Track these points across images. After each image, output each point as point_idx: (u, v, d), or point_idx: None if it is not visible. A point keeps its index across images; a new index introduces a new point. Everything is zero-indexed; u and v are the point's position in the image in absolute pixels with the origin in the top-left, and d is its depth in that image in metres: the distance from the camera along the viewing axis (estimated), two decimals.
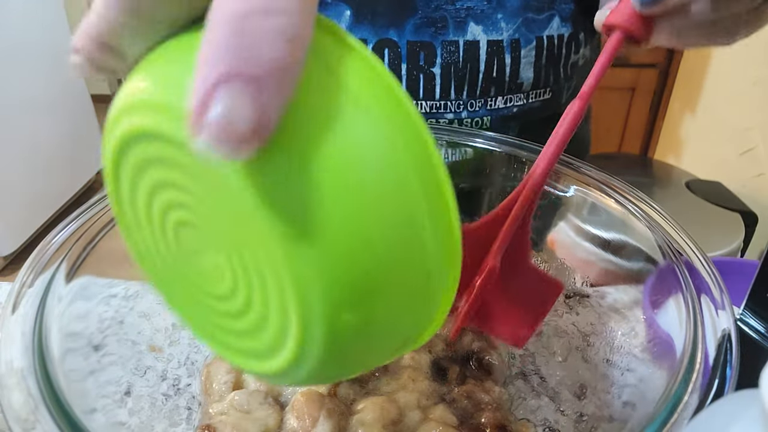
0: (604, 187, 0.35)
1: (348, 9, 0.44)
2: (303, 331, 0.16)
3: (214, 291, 0.19)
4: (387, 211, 0.16)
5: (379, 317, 0.17)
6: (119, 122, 0.17)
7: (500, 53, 0.46)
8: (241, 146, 0.13)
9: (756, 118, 1.21)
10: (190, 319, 0.22)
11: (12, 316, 0.25)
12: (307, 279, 0.15)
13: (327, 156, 0.15)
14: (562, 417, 0.32)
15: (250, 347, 0.19)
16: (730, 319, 0.25)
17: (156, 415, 0.30)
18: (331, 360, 0.17)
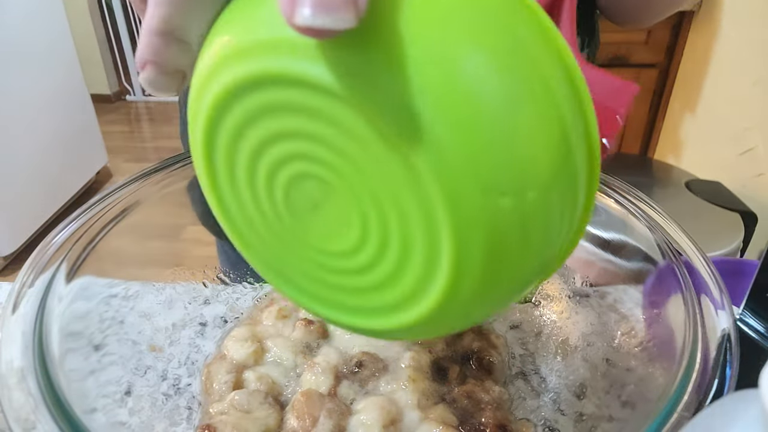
0: (604, 187, 0.35)
1: None
2: (459, 236, 0.15)
3: (336, 248, 0.18)
4: (531, 98, 0.15)
5: (533, 202, 0.15)
6: (213, 81, 0.16)
7: None
8: (342, 11, 0.13)
9: (756, 118, 1.21)
10: (297, 290, 0.21)
11: (12, 316, 0.25)
12: (455, 172, 0.14)
13: (456, 46, 0.14)
14: (561, 417, 0.32)
15: (378, 302, 0.18)
16: (729, 319, 0.25)
17: (156, 414, 0.31)
18: (492, 269, 0.16)
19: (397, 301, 0.18)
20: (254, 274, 0.43)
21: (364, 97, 0.14)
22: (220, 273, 0.41)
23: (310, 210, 0.18)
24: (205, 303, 0.39)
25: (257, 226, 0.20)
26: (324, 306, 0.21)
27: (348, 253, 0.18)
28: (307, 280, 0.20)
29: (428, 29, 0.14)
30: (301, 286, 0.21)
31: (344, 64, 0.14)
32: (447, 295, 0.16)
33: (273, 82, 0.15)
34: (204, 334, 0.38)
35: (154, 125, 3.01)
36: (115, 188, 0.34)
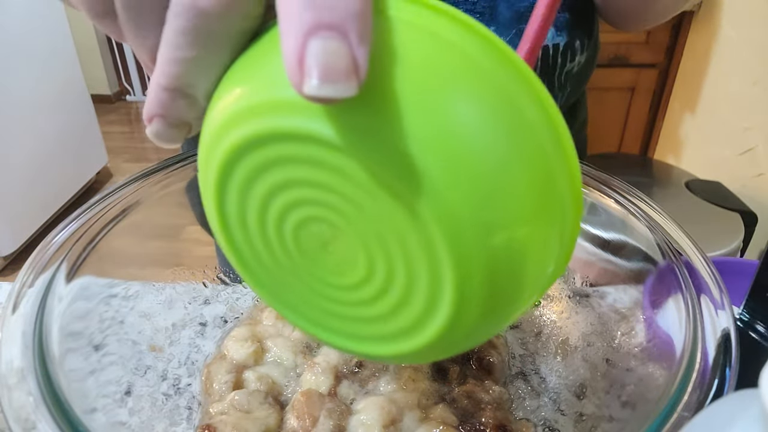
0: (604, 187, 0.35)
1: None
2: (460, 271, 0.16)
3: (344, 282, 0.19)
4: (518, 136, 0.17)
5: (524, 235, 0.17)
6: (224, 136, 0.18)
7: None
8: (345, 82, 0.14)
9: (756, 118, 1.21)
10: (305, 320, 0.22)
11: (12, 316, 0.25)
12: (453, 213, 0.16)
13: (437, 93, 0.16)
14: (561, 417, 0.32)
15: (383, 331, 0.19)
16: (729, 319, 0.25)
17: (156, 414, 0.31)
18: (491, 298, 0.17)
19: (401, 329, 0.19)
20: None
21: (366, 149, 0.15)
22: (220, 273, 0.41)
23: (318, 249, 0.19)
24: (205, 303, 0.39)
25: (266, 263, 0.21)
26: (329, 333, 0.22)
27: (355, 286, 0.19)
28: (314, 310, 0.21)
29: (422, 86, 0.16)
30: (307, 315, 0.22)
31: (346, 121, 0.15)
32: (449, 324, 0.18)
33: (281, 139, 0.16)
34: (204, 334, 0.38)
35: None
36: (115, 188, 0.34)
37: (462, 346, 0.21)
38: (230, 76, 0.18)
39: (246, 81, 0.17)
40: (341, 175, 0.16)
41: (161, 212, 0.36)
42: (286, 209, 0.18)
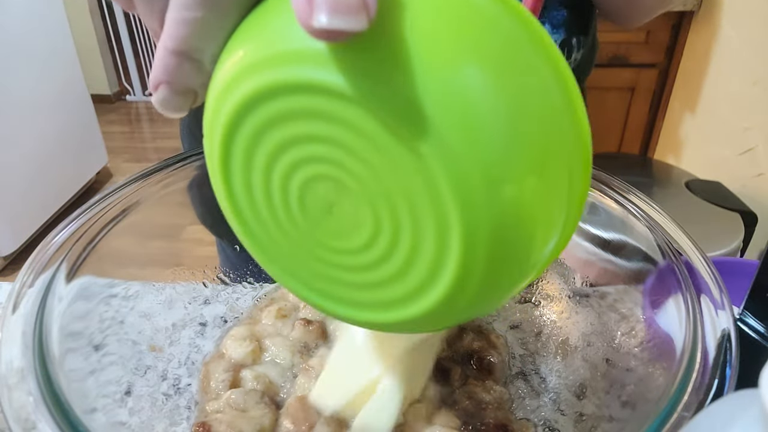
0: (604, 187, 0.35)
1: None
2: (467, 224, 0.16)
3: (349, 245, 0.19)
4: (527, 90, 0.16)
5: (531, 189, 0.17)
6: (230, 93, 0.17)
7: None
8: (355, 15, 0.14)
9: (756, 118, 1.21)
10: (309, 289, 0.22)
11: (12, 316, 0.25)
12: (461, 162, 0.15)
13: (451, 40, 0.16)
14: (561, 417, 0.32)
15: (389, 296, 0.19)
16: (729, 319, 0.25)
17: (156, 414, 0.31)
18: (497, 258, 0.17)
19: (407, 293, 0.19)
20: (254, 274, 0.43)
21: (374, 97, 0.15)
22: (220, 273, 0.41)
23: (324, 211, 0.19)
24: (205, 303, 0.39)
25: (270, 228, 0.20)
26: (333, 302, 0.22)
27: (360, 249, 0.19)
28: (317, 278, 0.21)
29: (431, 33, 0.16)
30: (310, 284, 0.22)
31: (354, 67, 0.15)
32: (456, 283, 0.17)
33: (287, 90, 0.16)
34: (204, 334, 0.38)
35: (154, 125, 3.01)
36: (115, 188, 0.34)
37: (465, 314, 0.21)
38: (236, 37, 0.18)
39: (251, 39, 0.17)
40: (349, 127, 0.16)
41: (161, 212, 0.36)
42: (292, 168, 0.18)
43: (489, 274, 0.17)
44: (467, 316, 0.21)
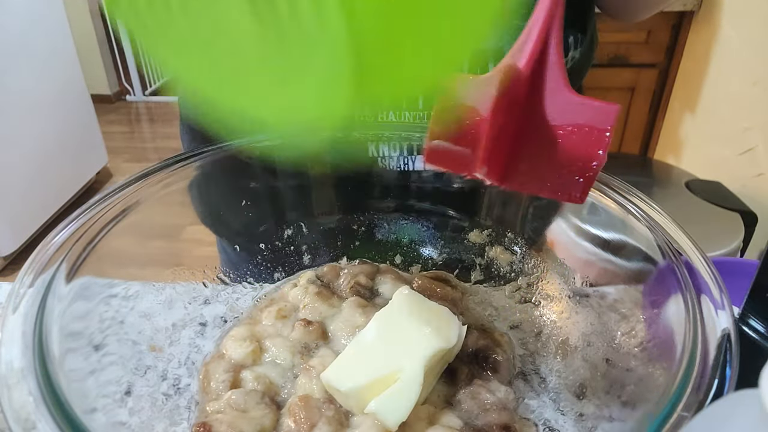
0: (604, 187, 0.35)
1: None
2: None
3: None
4: None
5: None
6: None
7: (484, 64, 0.44)
8: None
9: (756, 118, 1.21)
10: (218, 81, 0.21)
11: (12, 316, 0.25)
12: None
13: None
14: (561, 417, 0.32)
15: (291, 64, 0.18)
16: (729, 319, 0.25)
17: (156, 414, 0.31)
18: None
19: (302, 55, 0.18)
20: (254, 274, 0.43)
21: None
22: (220, 273, 0.41)
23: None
24: (205, 303, 0.39)
25: (172, 23, 0.19)
26: (228, 86, 0.20)
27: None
28: (229, 71, 0.20)
29: None
30: (226, 80, 0.20)
31: None
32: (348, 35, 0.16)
33: None
34: (204, 334, 0.38)
35: (154, 125, 3.00)
36: (115, 188, 0.34)
37: (371, 92, 0.19)
38: None
39: None
40: None
41: (161, 212, 0.36)
42: None
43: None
44: (391, 87, 0.20)
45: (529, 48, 0.25)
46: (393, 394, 0.29)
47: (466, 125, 0.27)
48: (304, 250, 0.44)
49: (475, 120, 0.26)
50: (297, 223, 0.44)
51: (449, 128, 0.27)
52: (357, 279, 0.40)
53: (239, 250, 0.43)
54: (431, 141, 0.28)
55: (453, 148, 0.27)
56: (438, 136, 0.28)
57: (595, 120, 0.25)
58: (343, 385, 0.29)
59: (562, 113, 0.25)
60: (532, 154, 0.26)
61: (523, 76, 0.25)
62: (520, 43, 0.26)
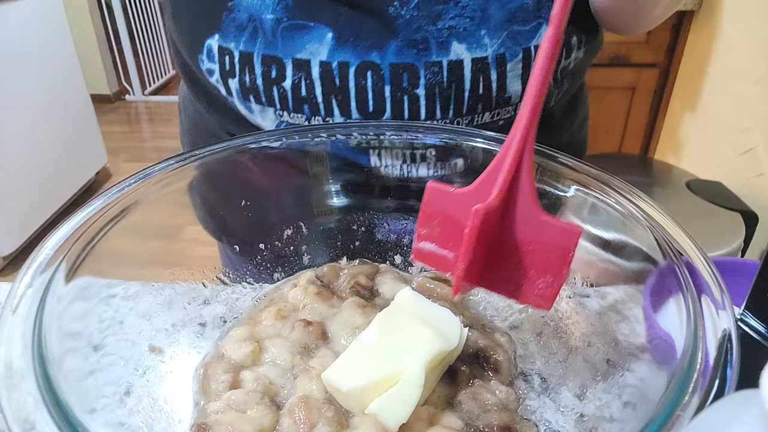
0: (604, 187, 0.35)
1: (330, 31, 0.43)
2: None
3: None
4: None
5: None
6: None
7: (485, 70, 0.44)
8: None
9: (756, 118, 1.21)
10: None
11: (12, 316, 0.25)
12: None
13: None
14: (562, 417, 0.32)
15: None
16: (730, 319, 0.25)
17: (156, 415, 0.30)
18: None
19: None
20: (254, 275, 0.43)
21: None
22: (220, 273, 0.41)
23: None
24: (205, 303, 0.39)
25: None
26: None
27: None
28: None
29: None
30: None
31: None
32: None
33: None
34: (203, 334, 0.37)
35: (154, 125, 3.01)
36: (115, 188, 0.34)
37: None
38: None
39: None
40: None
41: (161, 212, 0.36)
42: None
43: None
44: None
45: (501, 179, 0.29)
46: (394, 395, 0.29)
47: (448, 232, 0.31)
48: (304, 250, 0.44)
49: (455, 228, 0.30)
50: (297, 223, 0.44)
51: (433, 232, 0.31)
52: (357, 279, 0.40)
53: (239, 250, 0.43)
54: (418, 242, 0.32)
55: (437, 251, 0.32)
56: (424, 238, 0.32)
57: (561, 240, 0.28)
58: (344, 385, 0.29)
59: (532, 231, 0.29)
60: (506, 264, 0.30)
61: (496, 206, 0.28)
62: (493, 171, 0.29)
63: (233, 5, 0.44)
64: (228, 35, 0.45)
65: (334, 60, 0.43)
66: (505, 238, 0.29)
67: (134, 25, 3.08)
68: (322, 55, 0.43)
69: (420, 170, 0.46)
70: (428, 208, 0.31)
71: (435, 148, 0.44)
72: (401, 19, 0.43)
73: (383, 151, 0.45)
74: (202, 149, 0.39)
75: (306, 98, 0.44)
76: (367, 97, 0.44)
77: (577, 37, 0.49)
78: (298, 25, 0.43)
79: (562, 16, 0.27)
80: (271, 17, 0.43)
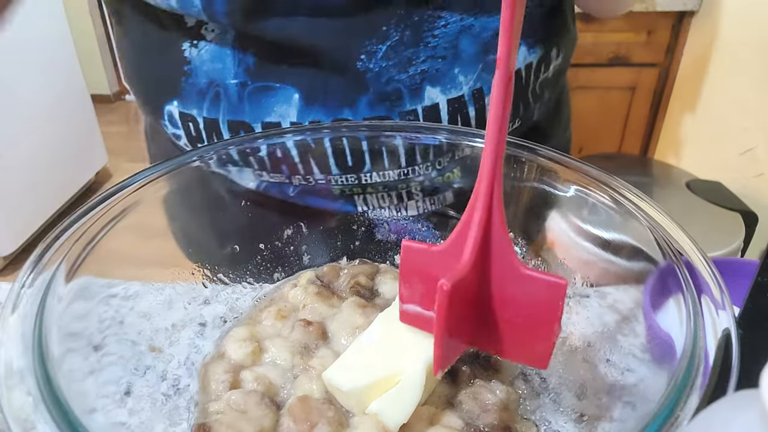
0: (604, 187, 0.35)
1: (296, 92, 0.42)
2: None
3: None
4: None
5: None
6: None
7: (463, 108, 0.43)
8: None
9: (756, 118, 1.21)
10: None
11: (12, 316, 0.25)
12: None
13: None
14: (562, 417, 0.32)
15: None
16: (730, 319, 0.25)
17: (156, 415, 0.30)
18: None
19: None
20: (254, 275, 0.43)
21: None
22: (220, 273, 0.41)
23: None
24: (205, 303, 0.39)
25: None
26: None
27: None
28: None
29: None
30: None
31: None
32: None
33: None
34: (203, 334, 0.38)
35: None
36: (115, 188, 0.34)
37: None
38: None
39: None
40: None
41: (161, 212, 0.36)
42: None
43: None
44: None
45: (472, 237, 0.26)
46: (395, 396, 0.29)
47: (429, 291, 0.28)
48: (304, 250, 0.44)
49: (435, 288, 0.28)
50: (297, 223, 0.44)
51: (415, 293, 0.30)
52: (357, 279, 0.40)
53: (239, 250, 0.43)
54: (402, 304, 0.30)
55: (423, 313, 0.30)
56: (407, 300, 0.30)
57: (547, 295, 0.26)
58: (345, 385, 0.29)
59: (514, 286, 0.27)
60: (494, 323, 0.28)
61: (467, 270, 0.26)
62: (463, 228, 0.27)
63: (190, 70, 0.42)
64: (188, 101, 0.43)
65: (305, 120, 0.42)
66: (489, 297, 0.28)
67: None
68: (292, 116, 0.42)
69: (410, 210, 0.45)
70: (406, 268, 0.30)
71: (420, 184, 0.43)
72: (370, 73, 0.41)
73: (368, 195, 0.44)
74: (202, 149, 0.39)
75: (282, 159, 0.42)
76: (345, 153, 0.42)
77: (557, 47, 0.49)
78: (263, 87, 0.42)
79: (509, 56, 0.24)
80: (234, 82, 0.42)
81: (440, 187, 0.44)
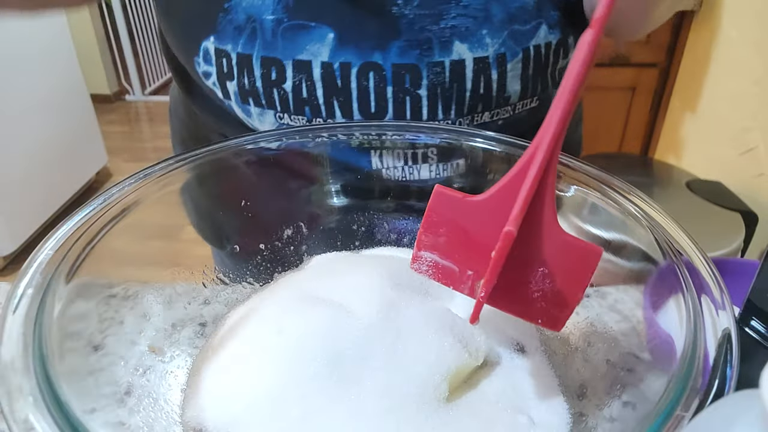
0: (604, 187, 0.35)
1: (332, 32, 0.43)
2: None
3: None
4: None
5: None
6: None
7: (486, 70, 0.45)
8: None
9: (756, 118, 1.21)
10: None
11: (12, 316, 0.25)
12: None
13: None
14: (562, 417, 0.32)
15: None
16: (730, 319, 0.25)
17: (156, 414, 0.30)
18: None
19: None
20: (254, 275, 0.43)
21: None
22: (220, 273, 0.41)
23: None
24: (205, 303, 0.39)
25: None
26: None
27: None
28: None
29: None
30: None
31: None
32: None
33: None
34: (204, 334, 0.37)
35: (154, 125, 3.01)
36: (115, 188, 0.34)
37: None
38: None
39: None
40: None
41: (160, 212, 0.36)
42: None
43: None
44: None
45: (524, 193, 0.26)
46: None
47: (454, 243, 0.28)
48: (304, 250, 0.44)
49: (463, 240, 0.28)
50: (297, 223, 0.44)
51: (438, 242, 0.29)
52: None
53: (239, 250, 0.43)
54: (419, 250, 0.30)
55: (440, 261, 0.29)
56: (426, 247, 0.29)
57: (582, 262, 0.27)
58: None
59: (551, 250, 0.27)
60: (520, 284, 0.28)
61: (521, 220, 0.26)
62: (512, 182, 0.26)
63: (230, 6, 0.44)
64: (224, 37, 0.44)
65: (336, 61, 0.43)
66: (523, 258, 0.27)
67: (134, 25, 3.08)
68: (324, 56, 0.43)
69: (422, 172, 0.46)
70: (434, 216, 0.29)
71: (437, 148, 0.44)
72: (404, 19, 0.43)
73: (384, 152, 0.45)
74: (201, 149, 0.39)
75: (307, 100, 0.44)
76: (369, 98, 0.44)
77: (574, 37, 0.49)
78: (298, 25, 0.43)
79: (605, 18, 0.24)
80: (271, 18, 0.43)
81: (456, 152, 0.44)
